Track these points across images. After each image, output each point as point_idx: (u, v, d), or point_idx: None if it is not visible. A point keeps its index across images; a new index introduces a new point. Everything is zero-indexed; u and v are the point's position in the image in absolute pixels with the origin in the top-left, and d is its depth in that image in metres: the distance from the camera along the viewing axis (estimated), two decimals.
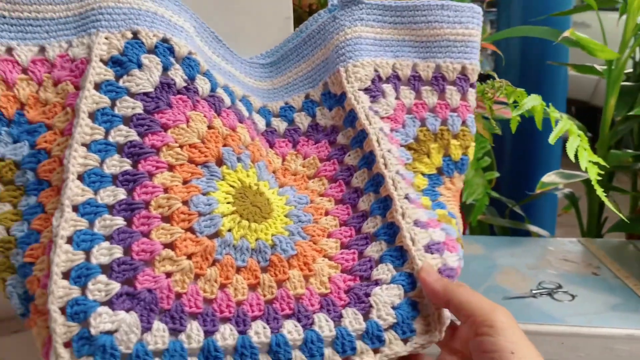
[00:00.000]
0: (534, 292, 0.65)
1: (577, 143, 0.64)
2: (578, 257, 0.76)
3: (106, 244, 0.35)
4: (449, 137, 0.49)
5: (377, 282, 0.40)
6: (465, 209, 0.90)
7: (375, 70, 0.48)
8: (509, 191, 1.15)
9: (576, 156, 0.63)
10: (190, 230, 0.38)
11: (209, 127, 0.42)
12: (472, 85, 0.50)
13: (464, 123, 0.49)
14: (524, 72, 1.25)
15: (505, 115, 0.74)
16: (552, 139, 0.64)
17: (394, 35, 0.49)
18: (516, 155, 1.26)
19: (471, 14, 0.49)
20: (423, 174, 0.48)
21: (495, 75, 0.70)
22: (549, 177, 0.87)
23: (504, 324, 0.35)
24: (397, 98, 0.48)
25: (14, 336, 0.51)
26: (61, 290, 0.34)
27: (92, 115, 0.38)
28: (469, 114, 0.50)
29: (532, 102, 0.66)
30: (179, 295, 0.36)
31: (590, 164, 0.63)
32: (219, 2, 0.52)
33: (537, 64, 1.20)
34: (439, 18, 0.49)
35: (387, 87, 0.48)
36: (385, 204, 0.43)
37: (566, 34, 0.81)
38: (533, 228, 0.99)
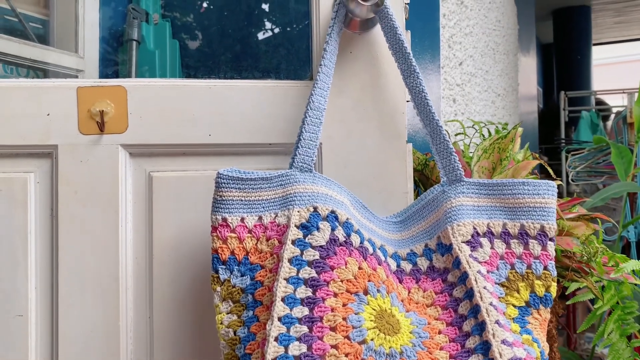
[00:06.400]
0: None
1: None
2: None
3: (297, 342, 0.57)
4: (533, 278, 0.65)
5: None
6: None
7: (474, 228, 0.68)
8: None
9: None
10: (347, 337, 0.58)
11: (359, 268, 0.64)
12: (551, 239, 0.67)
13: (545, 268, 0.66)
14: None
15: (627, 278, 0.78)
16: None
17: (487, 203, 0.69)
18: None
19: (546, 187, 0.68)
20: (514, 306, 0.64)
21: (595, 241, 0.77)
22: None
23: None
24: (491, 248, 0.67)
25: None
26: None
27: (290, 260, 0.63)
28: (550, 261, 0.66)
29: (632, 266, 0.73)
30: None
31: None
32: (365, 184, 0.76)
33: None
34: (522, 191, 0.68)
35: (484, 240, 0.67)
36: (481, 326, 0.60)
37: None
38: None
